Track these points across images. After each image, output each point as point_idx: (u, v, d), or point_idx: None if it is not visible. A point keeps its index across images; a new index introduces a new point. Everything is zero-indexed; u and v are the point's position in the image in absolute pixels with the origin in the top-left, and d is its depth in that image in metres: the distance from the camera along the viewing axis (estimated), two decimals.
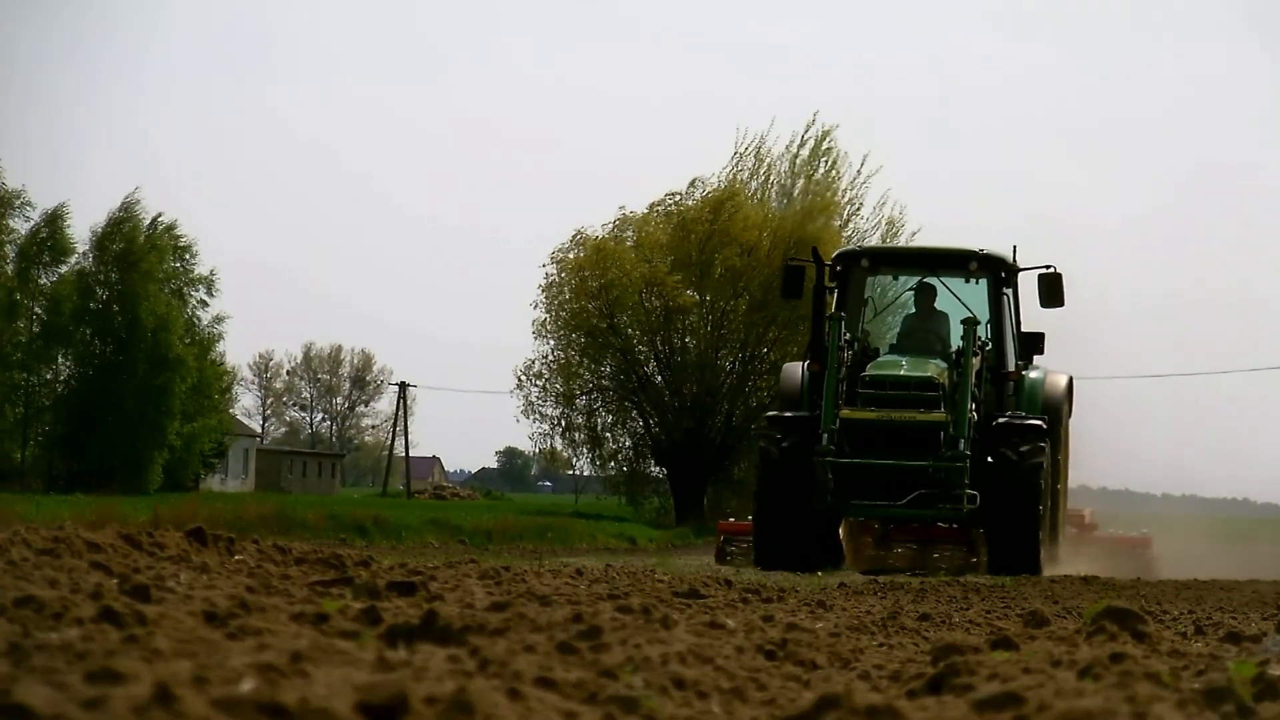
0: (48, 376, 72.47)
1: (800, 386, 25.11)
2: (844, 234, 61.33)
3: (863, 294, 26.01)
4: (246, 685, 4.04)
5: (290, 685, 4.11)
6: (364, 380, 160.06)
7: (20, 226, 70.49)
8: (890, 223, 63.28)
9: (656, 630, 6.64)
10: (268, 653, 4.65)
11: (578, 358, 62.20)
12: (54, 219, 70.66)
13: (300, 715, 3.82)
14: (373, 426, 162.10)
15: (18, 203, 70.13)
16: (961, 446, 23.43)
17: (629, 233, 61.96)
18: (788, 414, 24.95)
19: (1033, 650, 6.71)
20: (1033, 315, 25.73)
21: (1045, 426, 24.49)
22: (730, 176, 62.97)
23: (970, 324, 24.02)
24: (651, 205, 62.37)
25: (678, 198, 62.08)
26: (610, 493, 65.54)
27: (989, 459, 24.06)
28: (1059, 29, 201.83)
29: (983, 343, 24.68)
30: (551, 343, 62.19)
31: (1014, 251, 25.40)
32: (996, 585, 17.65)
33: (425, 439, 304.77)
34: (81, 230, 73.07)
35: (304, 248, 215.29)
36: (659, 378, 61.90)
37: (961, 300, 25.45)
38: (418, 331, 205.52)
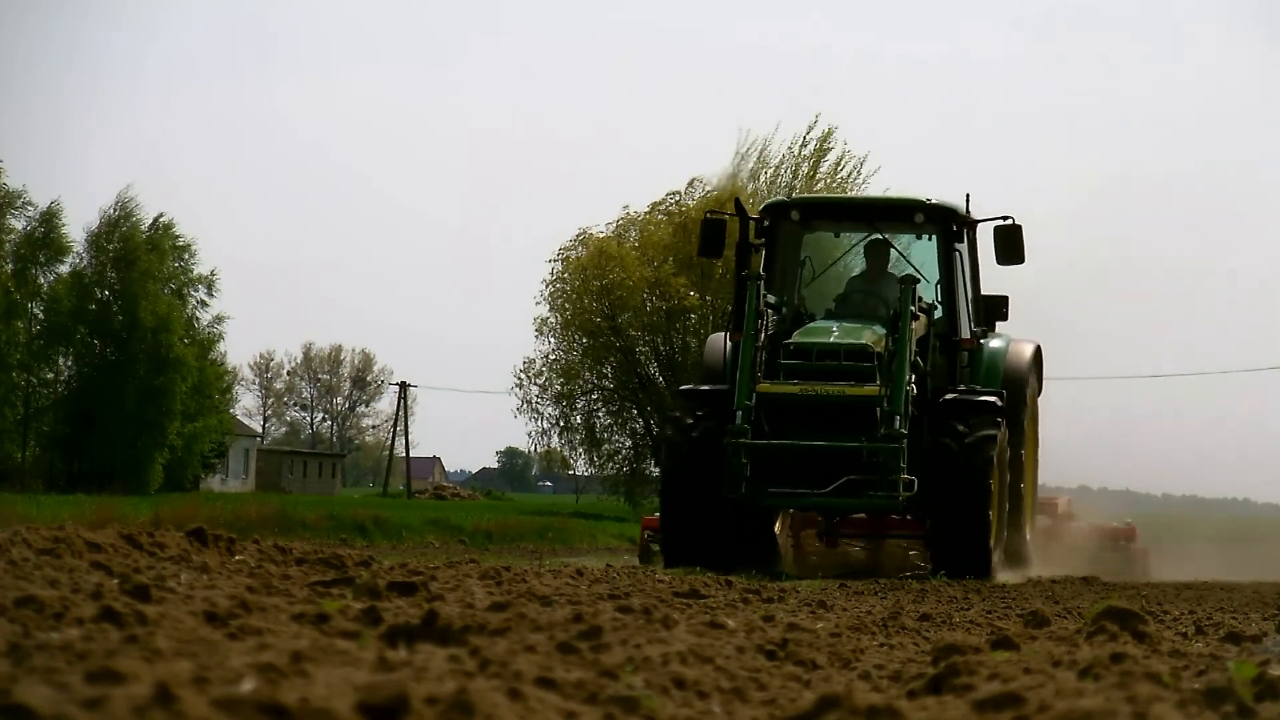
0: (48, 376, 72.50)
1: (723, 358, 21.51)
2: None
3: (798, 252, 22.73)
4: (247, 685, 4.04)
5: (291, 685, 4.12)
6: (364, 380, 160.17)
7: (20, 226, 70.55)
8: None
9: (657, 630, 6.64)
10: (268, 653, 4.65)
11: (579, 358, 62.30)
12: (49, 217, 70.67)
13: (301, 715, 3.82)
14: (373, 426, 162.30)
15: (19, 202, 70.18)
16: (897, 425, 19.89)
17: (632, 232, 62.08)
18: (703, 388, 21.61)
19: (1033, 650, 6.71)
20: (999, 279, 22.81)
21: (1000, 404, 21.08)
22: (731, 176, 63.05)
23: (908, 282, 20.53)
24: (653, 205, 62.47)
25: (678, 197, 62.18)
26: (610, 493, 65.61)
27: (936, 441, 20.71)
28: (1063, 29, 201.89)
29: (930, 305, 21.55)
30: (553, 341, 62.34)
31: (967, 201, 22.15)
32: (997, 585, 17.64)
33: (426, 439, 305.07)
34: (79, 229, 73.21)
35: (304, 248, 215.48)
36: (660, 378, 61.96)
37: (908, 259, 22.44)
38: (418, 331, 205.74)
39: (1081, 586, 17.91)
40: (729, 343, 21.18)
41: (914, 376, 20.53)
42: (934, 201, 21.96)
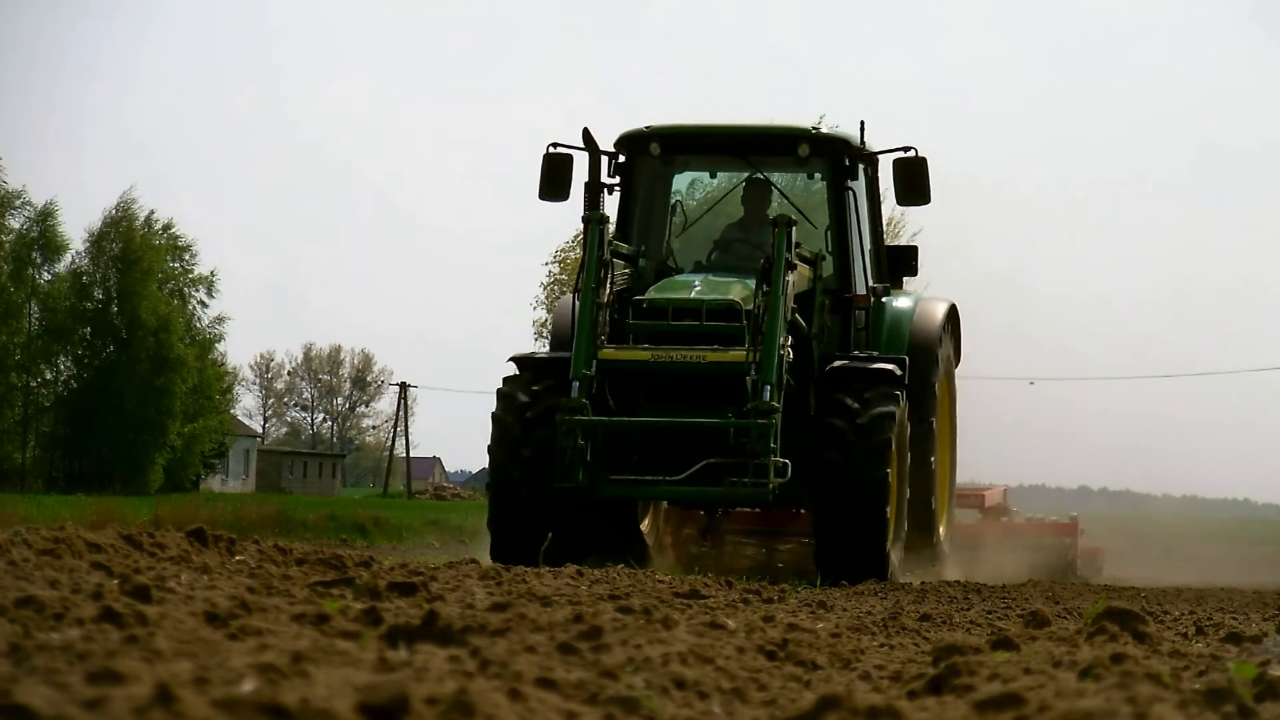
0: (48, 376, 72.52)
1: (572, 321, 17.63)
2: None
3: (665, 195, 19.30)
4: (247, 686, 4.04)
5: (291, 686, 4.12)
6: (364, 380, 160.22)
7: (17, 225, 70.62)
8: (890, 221, 63.19)
9: (657, 630, 6.63)
10: (268, 653, 4.65)
11: None
12: (44, 216, 70.68)
13: (301, 716, 3.82)
14: (373, 427, 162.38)
15: (18, 202, 70.21)
16: (768, 396, 16.39)
17: None
18: (541, 354, 18.44)
19: (1033, 651, 6.70)
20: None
21: (900, 373, 17.61)
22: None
23: (783, 224, 16.96)
24: None
25: None
26: None
27: (821, 421, 17.44)
28: (1058, 27, 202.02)
29: (816, 254, 18.34)
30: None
31: (861, 130, 18.78)
32: (997, 585, 17.61)
33: (426, 439, 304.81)
34: (77, 229, 73.39)
35: (304, 248, 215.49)
36: None
37: (792, 201, 19.35)
38: (418, 331, 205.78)
39: (1082, 587, 17.89)
40: (577, 301, 17.39)
41: (790, 339, 17.22)
42: (821, 131, 18.58)
